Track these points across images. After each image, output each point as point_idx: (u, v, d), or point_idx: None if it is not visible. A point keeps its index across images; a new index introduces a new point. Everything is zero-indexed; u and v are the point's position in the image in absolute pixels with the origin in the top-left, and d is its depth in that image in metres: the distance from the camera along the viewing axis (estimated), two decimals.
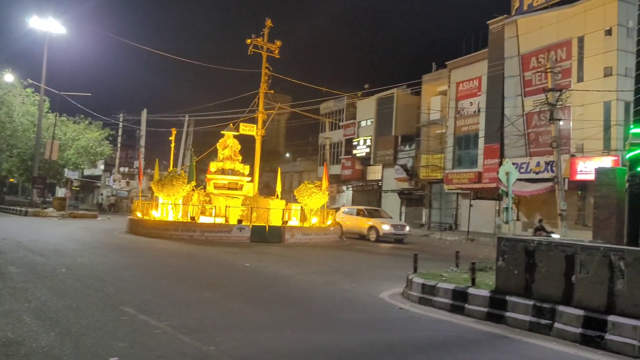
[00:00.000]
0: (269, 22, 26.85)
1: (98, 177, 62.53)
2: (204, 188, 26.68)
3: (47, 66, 36.37)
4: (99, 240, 19.88)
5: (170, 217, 23.63)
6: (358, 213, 27.71)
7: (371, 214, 27.49)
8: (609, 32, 26.02)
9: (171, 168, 28.73)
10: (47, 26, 35.42)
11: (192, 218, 22.94)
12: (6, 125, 38.68)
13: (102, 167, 60.26)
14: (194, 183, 25.06)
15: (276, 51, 27.08)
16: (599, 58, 26.40)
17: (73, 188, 57.32)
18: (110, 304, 8.17)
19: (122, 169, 57.03)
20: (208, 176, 26.65)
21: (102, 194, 56.15)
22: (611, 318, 6.82)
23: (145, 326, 6.93)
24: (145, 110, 51.47)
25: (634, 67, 9.11)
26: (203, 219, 23.16)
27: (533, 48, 30.20)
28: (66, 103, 41.65)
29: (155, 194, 25.03)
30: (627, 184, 8.67)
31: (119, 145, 55.94)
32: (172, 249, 18.12)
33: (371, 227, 25.75)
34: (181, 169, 33.55)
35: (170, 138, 31.55)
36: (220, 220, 22.91)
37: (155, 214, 24.49)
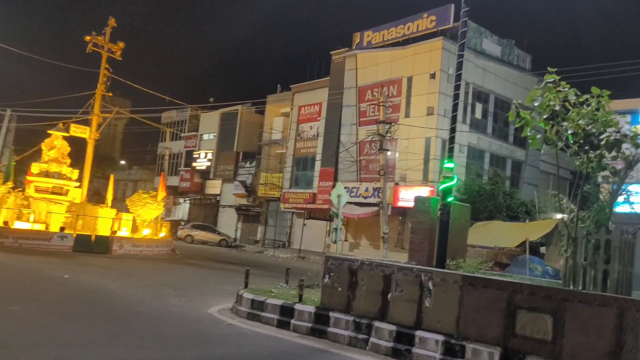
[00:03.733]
0: (112, 22, 25.45)
1: None
2: (23, 191, 24.09)
3: None
4: None
5: None
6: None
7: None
8: (433, 76, 29.19)
9: None
10: None
11: (6, 223, 20.62)
12: None
13: None
14: (10, 184, 22.60)
15: (118, 52, 25.69)
16: (423, 98, 29.42)
17: None
18: None
19: None
20: (29, 178, 24.14)
21: None
22: (418, 333, 7.61)
23: None
24: None
25: (451, 109, 10.42)
26: (19, 225, 20.94)
27: (369, 82, 32.64)
28: None
29: None
30: (439, 212, 9.77)
31: None
32: None
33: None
34: None
35: None
36: (39, 227, 20.87)
37: None
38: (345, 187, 19.47)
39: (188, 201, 48.85)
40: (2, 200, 21.85)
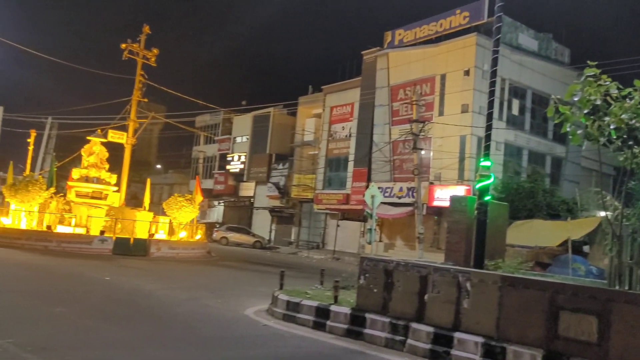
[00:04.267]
0: (146, 29, 25.96)
1: None
2: (65, 196, 24.81)
3: None
4: None
5: (24, 225, 21.65)
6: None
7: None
8: (467, 73, 28.76)
9: (27, 172, 26.44)
10: None
11: (49, 227, 21.23)
12: None
13: None
14: (53, 190, 23.27)
15: (152, 59, 26.20)
16: (457, 95, 29.01)
17: None
18: None
19: None
20: (70, 183, 24.84)
21: None
22: (457, 335, 7.47)
23: None
24: (1, 107, 46.63)
25: (486, 106, 10.21)
26: (61, 229, 21.55)
27: (401, 80, 32.38)
28: None
29: (6, 199, 22.84)
30: (475, 212, 9.58)
31: None
32: (23, 259, 16.56)
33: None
34: (39, 174, 30.87)
35: (29, 140, 29.01)
36: (80, 231, 21.44)
37: (5, 221, 22.31)
38: (378, 188, 19.35)
39: (222, 203, 49.41)
40: (45, 205, 22.51)
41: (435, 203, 28.13)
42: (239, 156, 46.86)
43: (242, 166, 46.36)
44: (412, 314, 8.15)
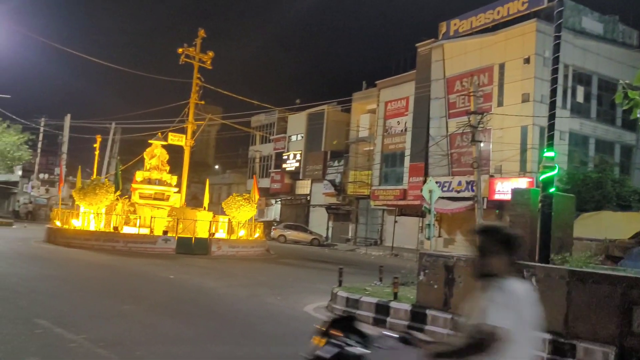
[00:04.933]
0: (201, 33, 26.53)
1: (15, 183, 58.81)
2: (129, 198, 25.81)
3: None
4: (14, 249, 18.73)
5: (92, 227, 22.68)
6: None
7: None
8: (527, 61, 27.73)
9: (94, 176, 27.61)
10: None
11: (116, 228, 22.13)
12: None
13: (20, 172, 56.81)
14: (118, 192, 24.23)
15: (208, 62, 26.75)
16: (517, 84, 28.04)
17: None
18: (22, 317, 7.73)
19: (41, 176, 54.01)
20: (133, 185, 25.83)
21: (18, 201, 52.84)
22: None
23: (60, 339, 6.62)
24: (69, 115, 49.16)
25: (548, 94, 9.79)
26: (127, 229, 22.40)
27: (458, 72, 31.64)
28: None
29: (76, 202, 23.96)
30: (539, 205, 9.23)
31: (39, 150, 53.00)
32: (93, 259, 17.36)
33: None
34: (105, 178, 32.29)
35: (95, 145, 30.38)
36: (145, 231, 22.24)
37: (76, 223, 23.43)
38: (436, 182, 19.02)
39: (279, 202, 50.00)
40: (111, 207, 23.47)
41: (496, 196, 27.37)
42: (295, 154, 47.26)
43: (297, 164, 46.74)
44: None
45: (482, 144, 26.59)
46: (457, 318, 7.97)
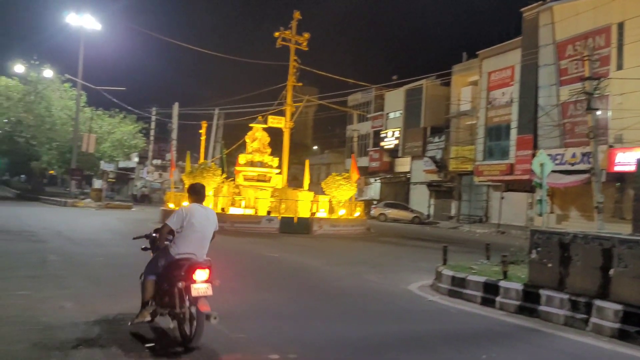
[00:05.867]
0: (297, 15, 26.68)
1: (132, 169, 63.64)
2: (234, 180, 26.86)
3: (83, 61, 37.03)
4: (133, 230, 20.06)
5: None
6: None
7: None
8: None
9: (202, 160, 28.98)
10: (83, 22, 36.04)
11: (222, 209, 23.12)
12: (45, 119, 39.85)
13: (136, 159, 61.30)
14: (224, 175, 25.24)
15: (304, 43, 26.91)
16: None
17: (109, 180, 58.43)
18: None
19: (154, 161, 57.87)
20: (237, 168, 26.80)
21: (136, 186, 57.13)
22: None
23: None
24: (177, 104, 51.98)
25: None
26: (233, 210, 23.34)
27: (569, 35, 29.28)
28: (102, 97, 42.33)
29: (186, 186, 25.31)
30: None
31: (151, 138, 56.75)
32: None
33: None
34: (211, 161, 33.80)
35: (201, 131, 31.81)
36: (249, 212, 23.04)
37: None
38: (548, 155, 17.74)
39: (378, 180, 49.72)
40: (218, 189, 24.56)
41: (617, 168, 25.21)
42: (393, 132, 46.61)
43: (396, 142, 46.08)
44: (594, 290, 7.33)
45: (598, 112, 24.47)
46: (575, 299, 7.40)
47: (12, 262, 10.48)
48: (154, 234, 6.39)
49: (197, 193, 6.37)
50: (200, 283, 5.68)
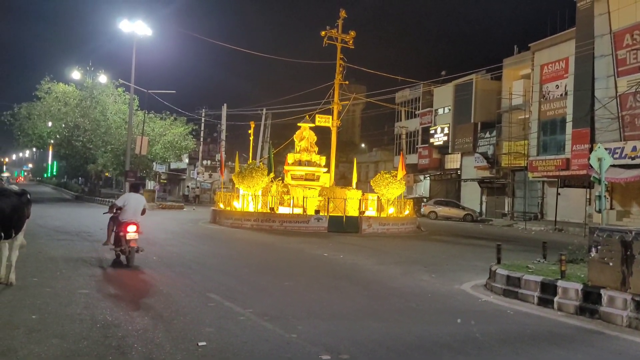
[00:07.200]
0: (343, 13, 26.68)
1: (183, 170, 65.36)
2: (282, 179, 27.11)
3: (135, 66, 38.23)
4: (186, 230, 20.74)
5: (251, 208, 24.26)
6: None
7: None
8: None
9: (250, 160, 29.40)
10: (135, 28, 37.20)
11: (272, 209, 23.40)
12: (101, 123, 41.55)
13: (187, 160, 62.85)
14: (272, 175, 25.52)
15: (350, 42, 26.89)
16: None
17: (161, 181, 60.30)
18: (197, 291, 8.49)
19: (205, 162, 59.16)
20: (285, 168, 27.05)
21: (187, 186, 58.63)
22: None
23: (230, 312, 7.13)
24: (225, 105, 52.99)
25: None
26: (282, 210, 23.57)
27: (627, 24, 27.99)
28: (153, 101, 43.72)
29: (236, 186, 25.79)
30: None
31: (201, 139, 58.05)
32: (253, 238, 18.58)
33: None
34: (260, 161, 34.28)
35: (249, 131, 32.30)
36: (298, 211, 23.21)
37: (237, 205, 25.24)
38: (606, 149, 17.05)
39: (428, 178, 49.07)
40: (267, 189, 24.86)
41: None
42: (442, 128, 45.87)
43: (445, 138, 45.33)
44: None
45: None
46: (638, 299, 7.10)
47: (74, 261, 10.96)
48: (114, 210, 11.04)
49: (133, 187, 11.98)
50: (132, 233, 10.58)
